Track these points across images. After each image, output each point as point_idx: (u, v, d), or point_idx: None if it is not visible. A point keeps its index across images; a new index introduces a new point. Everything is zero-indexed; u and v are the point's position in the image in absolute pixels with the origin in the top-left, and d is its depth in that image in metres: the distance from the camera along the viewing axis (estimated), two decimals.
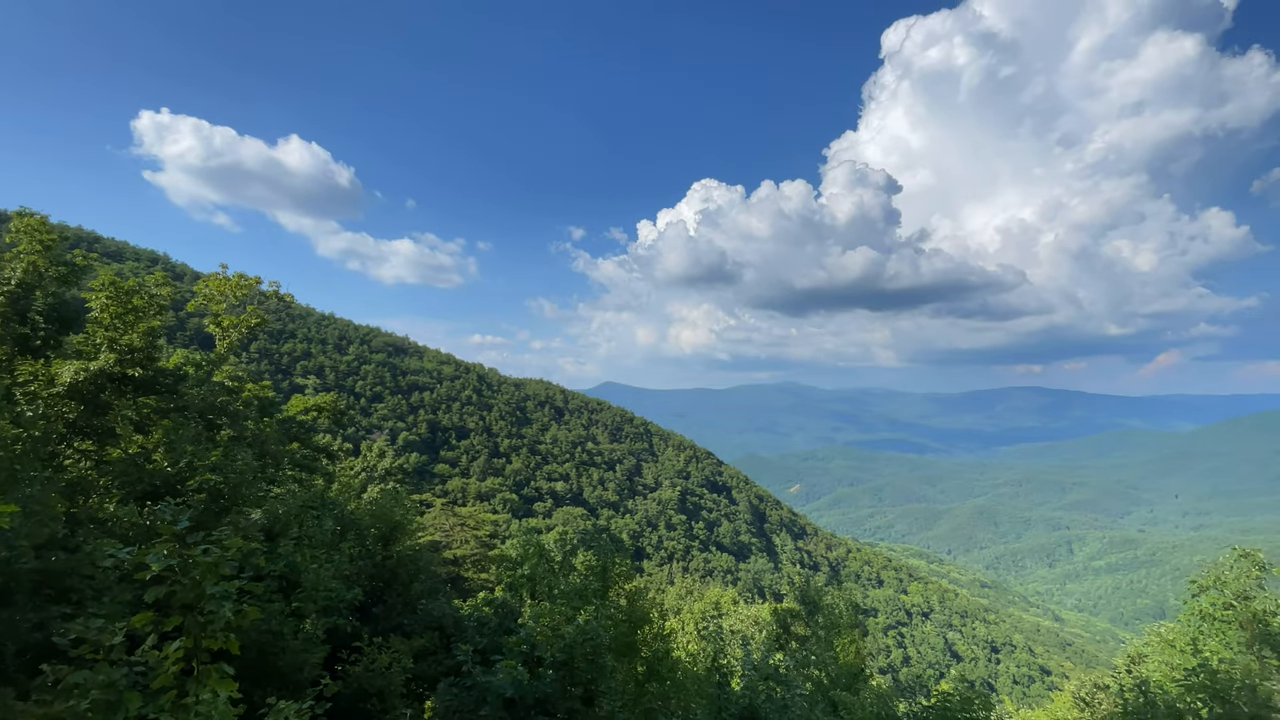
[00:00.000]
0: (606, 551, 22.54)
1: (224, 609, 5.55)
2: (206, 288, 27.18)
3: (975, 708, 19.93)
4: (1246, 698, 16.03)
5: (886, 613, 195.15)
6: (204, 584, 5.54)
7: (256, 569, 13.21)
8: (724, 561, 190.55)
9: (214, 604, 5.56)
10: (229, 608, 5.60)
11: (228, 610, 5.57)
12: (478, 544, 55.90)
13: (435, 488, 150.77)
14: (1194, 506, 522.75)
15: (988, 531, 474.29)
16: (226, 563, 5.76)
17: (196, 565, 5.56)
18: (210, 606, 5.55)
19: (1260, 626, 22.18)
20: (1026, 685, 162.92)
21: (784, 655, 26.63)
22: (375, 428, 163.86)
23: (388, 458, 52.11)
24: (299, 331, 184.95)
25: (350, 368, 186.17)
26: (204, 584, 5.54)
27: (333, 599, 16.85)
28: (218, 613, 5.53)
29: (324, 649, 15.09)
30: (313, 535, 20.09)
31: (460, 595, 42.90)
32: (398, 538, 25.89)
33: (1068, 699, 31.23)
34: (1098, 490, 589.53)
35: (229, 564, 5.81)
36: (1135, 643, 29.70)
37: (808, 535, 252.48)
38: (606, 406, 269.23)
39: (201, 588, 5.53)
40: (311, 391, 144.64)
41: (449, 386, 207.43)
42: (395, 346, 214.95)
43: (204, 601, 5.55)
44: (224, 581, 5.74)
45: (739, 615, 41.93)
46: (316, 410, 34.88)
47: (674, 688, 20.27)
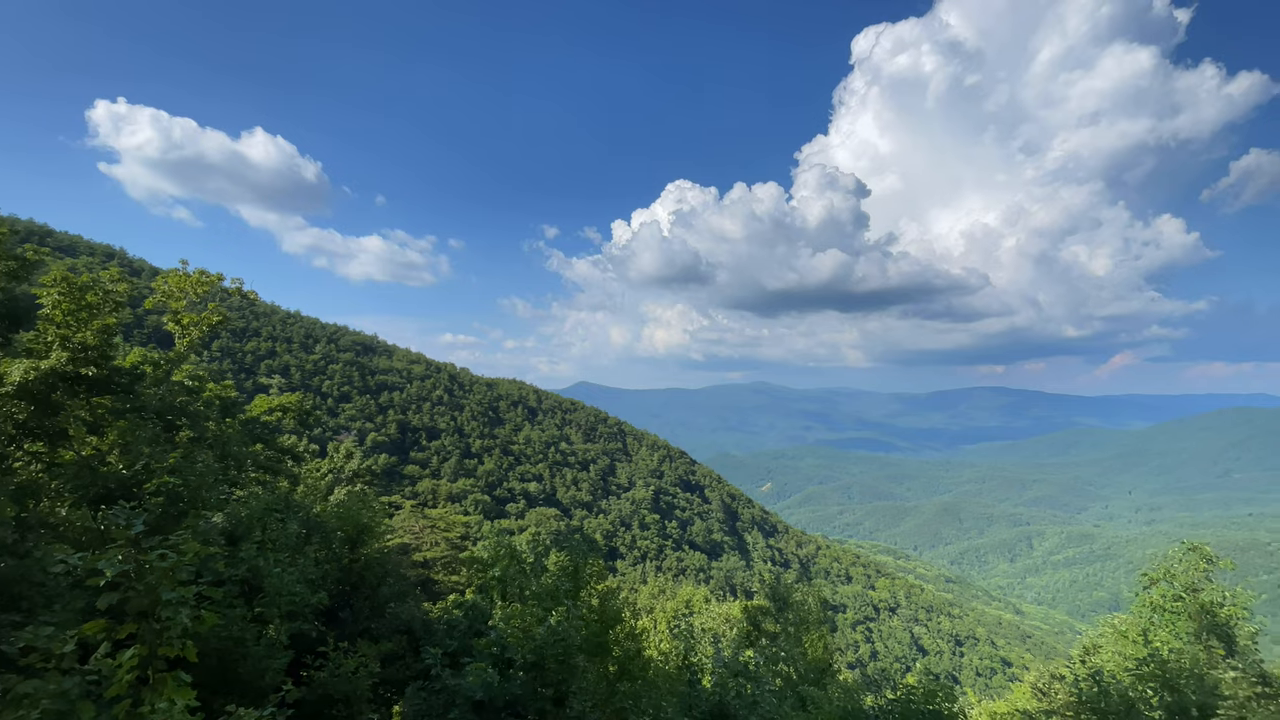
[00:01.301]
0: (579, 552, 22.49)
1: (180, 615, 5.42)
2: (165, 284, 26.29)
3: (939, 700, 20.45)
4: (1194, 686, 16.73)
5: (855, 608, 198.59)
6: (159, 590, 5.40)
7: (216, 574, 12.87)
8: (697, 560, 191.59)
9: (170, 610, 5.42)
10: (186, 614, 5.46)
11: (184, 616, 5.44)
12: (448, 546, 55.16)
13: (405, 489, 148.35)
14: (1146, 502, 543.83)
15: (952, 528, 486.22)
16: (183, 568, 5.62)
17: (151, 570, 5.41)
18: (166, 613, 5.41)
19: (1208, 617, 23.12)
20: (989, 677, 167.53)
21: (754, 652, 26.95)
22: (343, 428, 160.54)
23: (355, 459, 51.08)
24: (263, 330, 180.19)
25: (317, 367, 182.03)
26: (159, 590, 5.40)
27: (297, 603, 16.48)
28: (174, 619, 5.40)
29: (287, 655, 14.76)
30: (276, 539, 19.62)
31: (430, 598, 42.33)
32: (365, 540, 25.43)
33: (1026, 690, 32.19)
34: (1057, 487, 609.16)
35: (186, 569, 5.68)
36: (1090, 634, 30.77)
37: (779, 533, 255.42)
38: (580, 406, 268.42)
39: (157, 593, 5.39)
40: (276, 391, 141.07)
41: (419, 386, 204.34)
42: (364, 345, 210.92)
43: (159, 608, 5.41)
44: (181, 587, 5.61)
45: (710, 613, 42.23)
46: (281, 410, 34.06)
47: (645, 686, 20.34)
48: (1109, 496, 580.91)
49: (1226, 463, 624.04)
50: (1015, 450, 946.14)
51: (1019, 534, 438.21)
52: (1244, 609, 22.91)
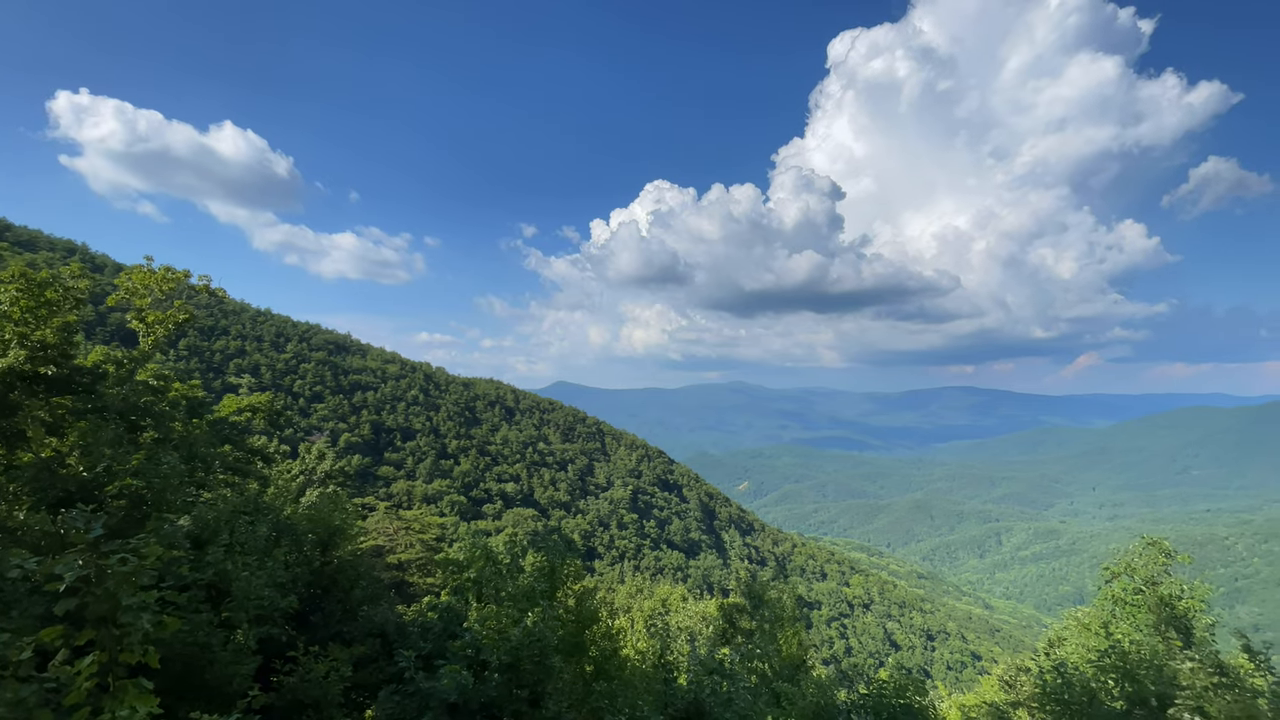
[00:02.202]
0: (556, 552, 22.45)
1: (141, 621, 5.29)
2: (129, 281, 25.47)
3: (910, 694, 20.88)
4: (1153, 676, 17.24)
5: (830, 605, 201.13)
6: (119, 595, 5.27)
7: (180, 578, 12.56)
8: (674, 559, 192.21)
9: (130, 616, 5.28)
10: (147, 619, 5.33)
11: (145, 622, 5.31)
12: (423, 548, 54.52)
13: (379, 490, 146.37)
14: (1109, 498, 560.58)
15: (924, 525, 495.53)
16: (144, 572, 5.48)
17: (111, 575, 5.28)
18: (126, 618, 5.27)
19: (1166, 610, 23.92)
20: (959, 671, 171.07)
21: (730, 650, 27.18)
22: (315, 429, 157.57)
23: (328, 460, 50.18)
24: (232, 328, 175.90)
25: (288, 366, 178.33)
26: (119, 595, 5.27)
27: (266, 607, 16.14)
28: (134, 625, 5.26)
29: (256, 660, 14.46)
30: (245, 542, 19.18)
31: (404, 601, 41.81)
32: (337, 543, 25.02)
33: (994, 682, 33.03)
34: (1024, 484, 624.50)
35: (147, 573, 5.54)
36: (1055, 627, 31.65)
37: (755, 531, 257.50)
38: (559, 406, 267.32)
39: (116, 599, 5.25)
40: (246, 391, 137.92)
41: (394, 386, 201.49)
42: (336, 344, 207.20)
43: (119, 613, 5.28)
44: (142, 592, 5.47)
45: (687, 612, 42.45)
46: (251, 411, 33.29)
47: (621, 686, 20.38)
48: (1074, 493, 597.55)
49: (1185, 460, 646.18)
50: (984, 449, 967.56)
51: (988, 530, 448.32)
52: (1201, 601, 23.76)
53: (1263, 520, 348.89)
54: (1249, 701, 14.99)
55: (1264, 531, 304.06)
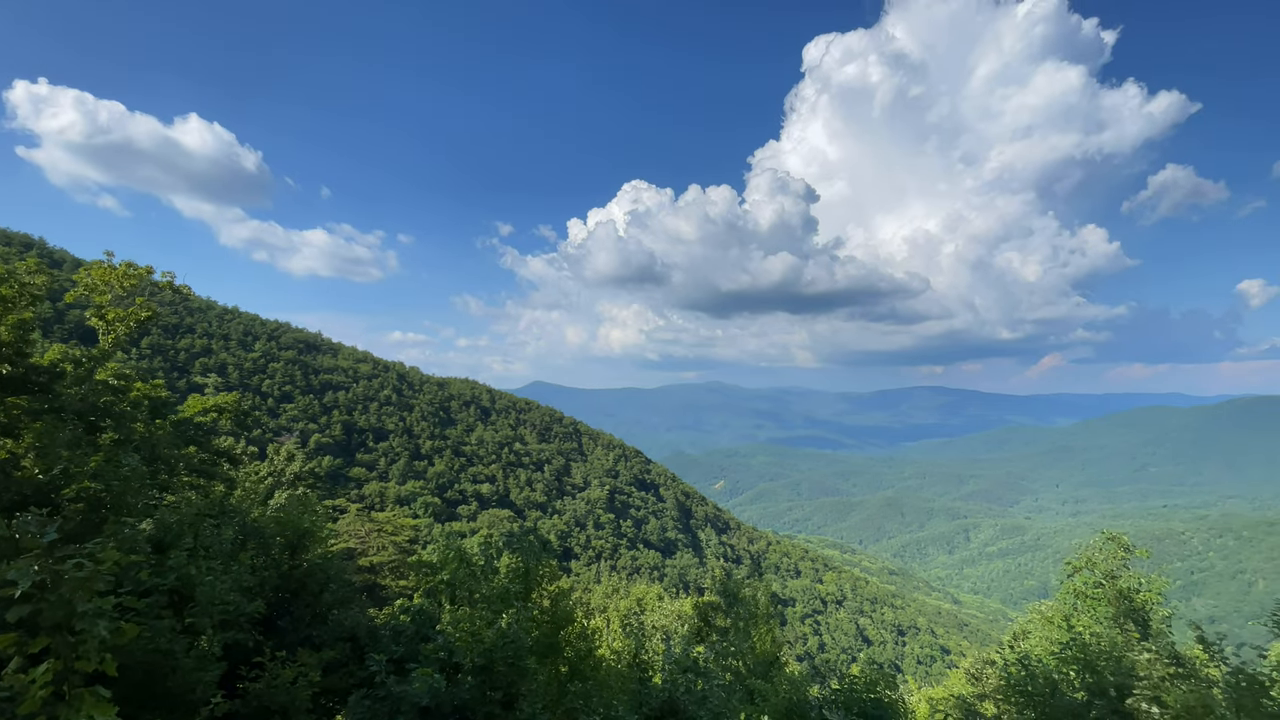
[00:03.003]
0: (531, 553, 22.34)
1: (98, 627, 5.13)
2: (89, 277, 24.62)
3: (880, 689, 21.26)
4: (1112, 667, 17.72)
5: (804, 602, 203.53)
6: (75, 601, 5.10)
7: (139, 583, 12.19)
8: (651, 558, 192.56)
9: (87, 622, 5.12)
10: (104, 626, 5.17)
11: (102, 629, 5.15)
12: (396, 550, 53.79)
13: (350, 492, 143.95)
14: (1072, 495, 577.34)
15: (895, 522, 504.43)
16: (101, 577, 5.32)
17: (67, 581, 5.11)
18: (82, 625, 5.11)
19: (1125, 603, 24.70)
20: (929, 665, 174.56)
21: (704, 648, 27.37)
22: (284, 429, 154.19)
23: (297, 461, 49.19)
24: (198, 326, 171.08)
25: (256, 365, 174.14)
26: (75, 601, 5.10)
27: (231, 612, 15.73)
28: (91, 632, 5.10)
29: (220, 666, 14.09)
30: (210, 545, 18.67)
31: (376, 604, 41.20)
32: (307, 546, 24.47)
33: (962, 675, 33.80)
34: (991, 481, 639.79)
35: (104, 579, 5.38)
36: (1020, 621, 32.51)
37: (731, 530, 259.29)
38: (535, 406, 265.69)
39: (72, 605, 5.09)
40: (212, 391, 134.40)
41: (366, 386, 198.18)
42: (307, 343, 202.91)
43: (75, 620, 5.11)
44: (98, 598, 5.30)
45: (663, 610, 42.58)
46: (217, 411, 32.45)
47: (596, 686, 20.37)
48: (1039, 490, 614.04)
49: (1144, 458, 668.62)
50: (953, 447, 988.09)
51: (957, 527, 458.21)
52: (1158, 594, 24.58)
53: (1217, 516, 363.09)
54: (1204, 691, 15.51)
55: (1219, 527, 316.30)
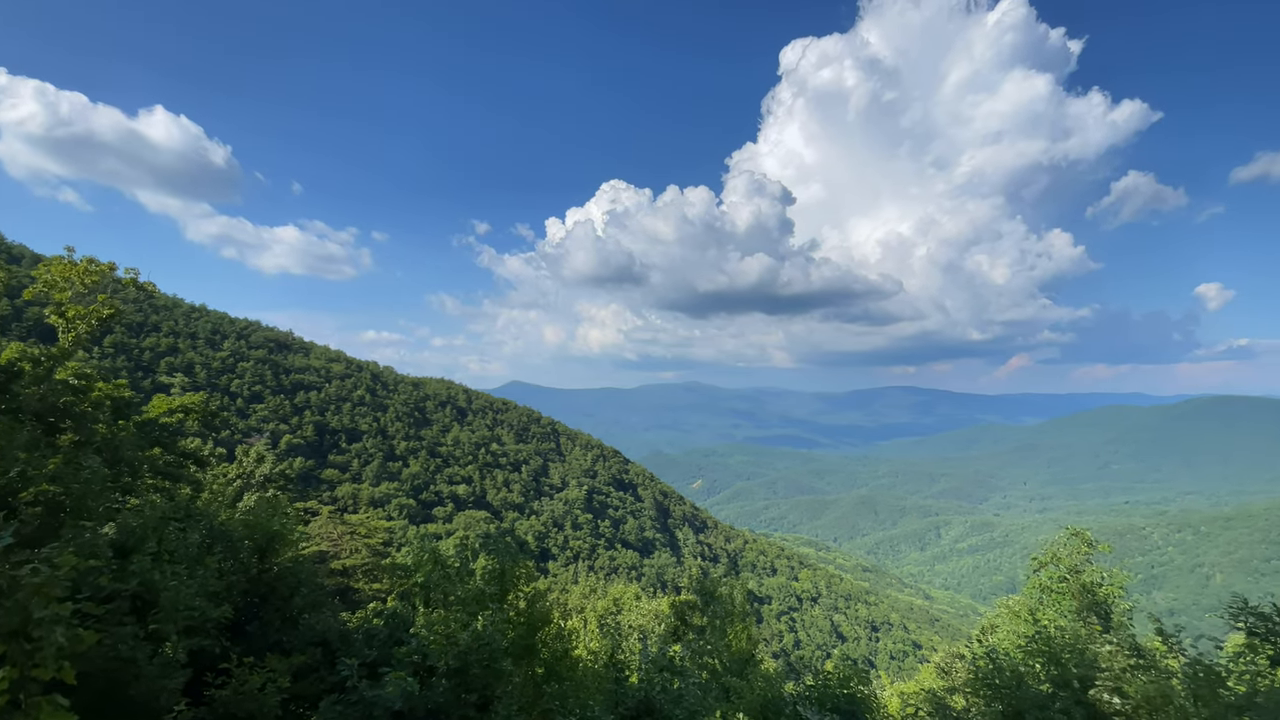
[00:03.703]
0: (507, 554, 22.18)
1: (55, 634, 4.95)
2: (48, 273, 23.71)
3: (854, 684, 21.57)
4: (1076, 659, 18.20)
5: (779, 599, 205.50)
6: (31, 607, 4.93)
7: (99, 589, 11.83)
8: (629, 558, 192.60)
9: (43, 629, 4.94)
10: (61, 633, 5.00)
11: (60, 635, 4.98)
12: (370, 553, 52.93)
13: (323, 494, 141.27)
14: (1039, 492, 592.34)
15: (868, 519, 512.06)
16: (58, 583, 5.14)
17: (23, 586, 4.94)
18: (39, 632, 4.93)
19: (1088, 596, 25.42)
20: (901, 660, 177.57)
21: (681, 646, 27.49)
22: (254, 430, 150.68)
23: (267, 463, 48.11)
24: (164, 324, 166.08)
25: (225, 365, 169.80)
26: (31, 607, 4.93)
27: (196, 618, 15.33)
28: (48, 638, 4.93)
29: (185, 673, 13.73)
30: (174, 549, 18.17)
31: (349, 607, 40.49)
32: (276, 549, 23.97)
33: (932, 670, 34.51)
34: (961, 480, 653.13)
35: (61, 584, 5.20)
36: (988, 615, 33.31)
37: (708, 529, 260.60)
38: (512, 406, 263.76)
39: (28, 611, 4.92)
40: (178, 391, 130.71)
41: (339, 386, 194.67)
42: (278, 342, 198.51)
43: (31, 626, 4.94)
44: (56, 604, 5.13)
45: (640, 610, 42.64)
46: (183, 412, 31.58)
47: (573, 687, 20.32)
48: (1007, 488, 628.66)
49: (1107, 456, 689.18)
50: (925, 446, 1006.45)
51: (928, 524, 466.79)
52: (1120, 588, 25.35)
53: (1176, 511, 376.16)
54: (1163, 682, 16.01)
55: (1177, 522, 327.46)
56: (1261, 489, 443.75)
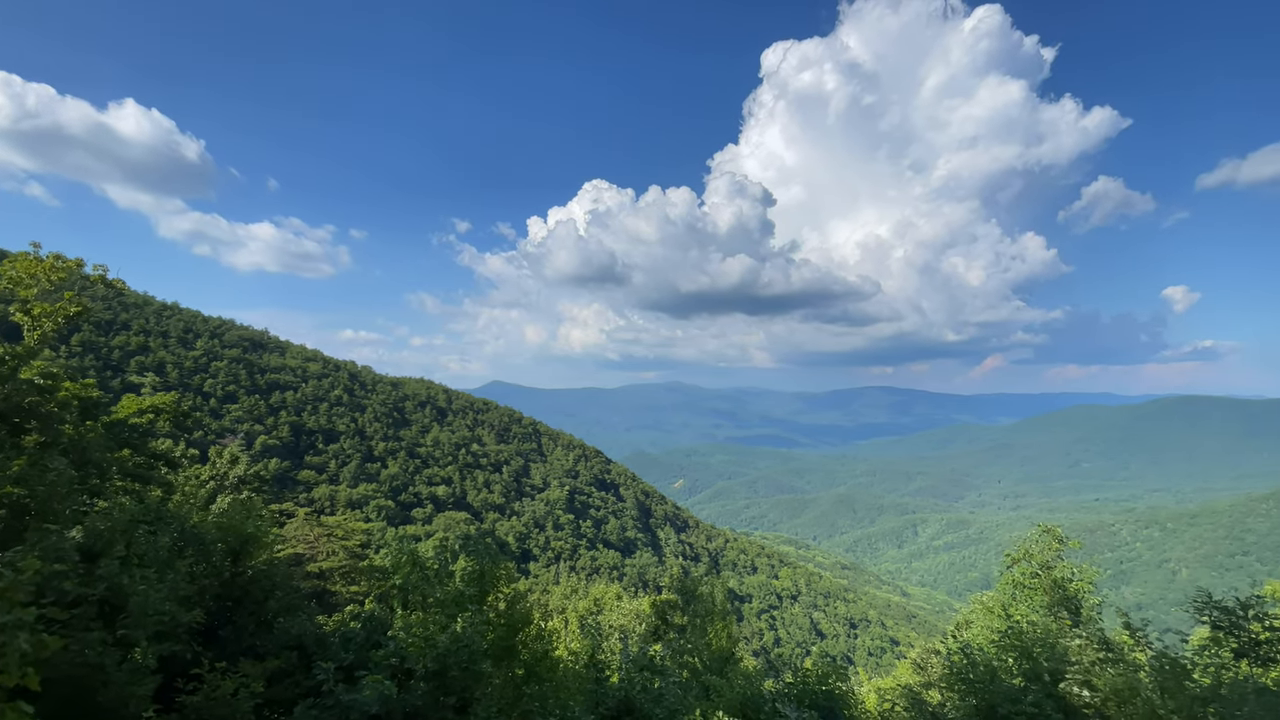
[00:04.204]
0: (487, 556, 22.03)
1: (18, 640, 4.83)
2: (13, 269, 23.00)
3: (832, 681, 21.80)
4: (1047, 653, 18.60)
5: (760, 597, 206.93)
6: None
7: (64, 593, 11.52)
8: (611, 558, 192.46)
9: (6, 634, 4.81)
10: (24, 639, 4.88)
11: (23, 641, 4.85)
12: (347, 555, 52.23)
13: (299, 496, 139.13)
14: (1013, 490, 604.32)
15: (847, 518, 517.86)
16: (22, 587, 5.01)
17: None
18: (1, 637, 4.81)
19: (1059, 592, 26.00)
20: (879, 656, 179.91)
21: (661, 646, 27.55)
22: (228, 431, 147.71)
23: (241, 464, 47.21)
24: (134, 323, 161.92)
25: (198, 364, 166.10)
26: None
27: (167, 623, 14.99)
28: (11, 644, 4.80)
29: (155, 679, 13.41)
30: (144, 553, 17.75)
31: (325, 611, 39.92)
32: (251, 552, 23.52)
33: (909, 665, 35.05)
34: (937, 478, 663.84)
35: (25, 589, 5.07)
36: (963, 611, 33.88)
37: (690, 528, 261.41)
38: (493, 406, 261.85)
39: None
40: (149, 391, 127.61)
41: (316, 385, 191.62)
42: (253, 341, 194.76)
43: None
44: (19, 609, 4.99)
45: (621, 610, 42.65)
46: (153, 412, 30.90)
47: (553, 688, 20.26)
48: (982, 486, 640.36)
49: (1078, 454, 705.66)
50: (902, 445, 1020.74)
51: (905, 522, 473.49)
52: (1089, 583, 25.99)
53: (1144, 508, 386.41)
54: (1131, 675, 16.44)
55: (1145, 518, 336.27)
56: (1225, 486, 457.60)
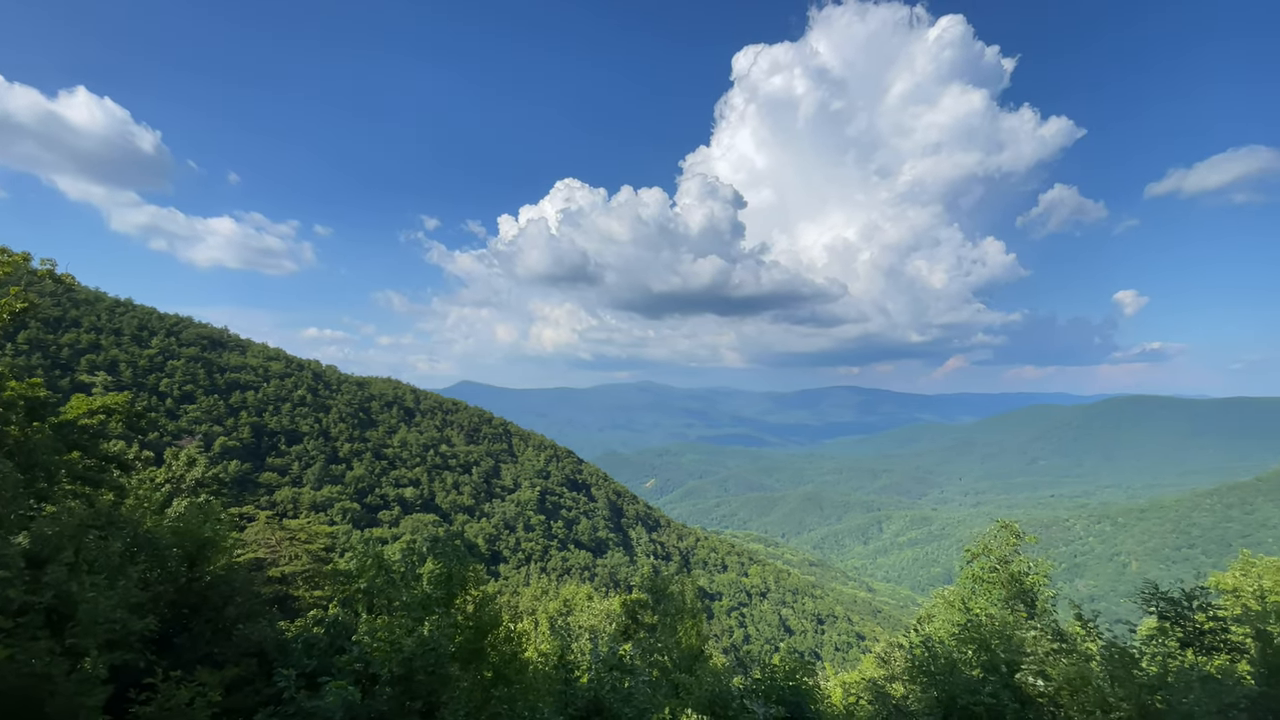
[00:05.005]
0: (455, 558, 21.79)
1: None
2: None
3: (799, 676, 22.18)
4: (1004, 645, 19.26)
5: (730, 595, 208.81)
6: None
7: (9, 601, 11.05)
8: (582, 559, 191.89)
9: None
10: None
11: None
12: (311, 559, 50.97)
13: (260, 499, 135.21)
14: (973, 487, 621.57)
15: (815, 515, 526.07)
16: None
17: None
18: None
19: (1016, 585, 26.92)
20: (846, 651, 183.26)
21: (631, 645, 27.63)
22: (185, 432, 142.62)
23: (199, 466, 45.72)
24: (85, 319, 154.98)
25: (153, 363, 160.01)
26: None
27: (118, 631, 14.46)
28: None
29: (106, 689, 12.95)
30: (94, 559, 17.09)
31: (288, 616, 38.97)
32: (208, 557, 22.84)
33: (873, 660, 35.85)
34: (901, 476, 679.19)
35: None
36: (926, 605, 34.82)
37: (661, 527, 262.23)
38: (463, 407, 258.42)
39: None
40: (101, 390, 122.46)
41: (278, 385, 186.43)
42: (211, 339, 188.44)
43: None
44: None
45: (592, 610, 42.60)
46: (105, 412, 29.72)
47: (522, 690, 20.15)
48: (944, 483, 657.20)
49: (1034, 452, 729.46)
50: (868, 444, 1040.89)
51: (871, 519, 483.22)
52: (1045, 576, 27.00)
53: (1096, 504, 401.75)
54: (1083, 664, 17.15)
55: (1097, 514, 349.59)
56: (1172, 482, 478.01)
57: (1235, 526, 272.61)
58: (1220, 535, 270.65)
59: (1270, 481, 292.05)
